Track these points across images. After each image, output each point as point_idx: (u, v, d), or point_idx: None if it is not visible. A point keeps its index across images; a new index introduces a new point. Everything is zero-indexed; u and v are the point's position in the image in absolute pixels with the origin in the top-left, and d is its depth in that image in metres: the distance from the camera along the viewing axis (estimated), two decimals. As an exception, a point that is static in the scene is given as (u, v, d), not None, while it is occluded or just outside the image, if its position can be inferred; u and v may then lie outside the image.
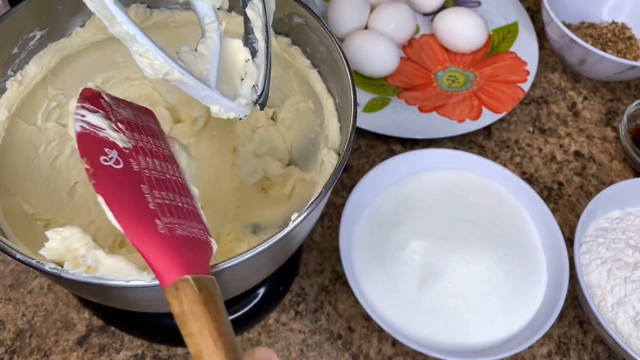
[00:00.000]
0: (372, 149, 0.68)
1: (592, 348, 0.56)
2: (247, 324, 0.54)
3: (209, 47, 0.39)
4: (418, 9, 0.78)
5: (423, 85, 0.72)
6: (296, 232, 0.39)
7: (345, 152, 0.42)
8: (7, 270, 0.57)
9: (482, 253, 0.53)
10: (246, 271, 0.41)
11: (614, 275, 0.54)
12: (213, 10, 0.40)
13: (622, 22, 0.78)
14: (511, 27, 0.77)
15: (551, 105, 0.73)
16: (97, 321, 0.55)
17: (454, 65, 0.75)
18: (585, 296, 0.51)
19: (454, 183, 0.59)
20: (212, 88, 0.38)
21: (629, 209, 0.59)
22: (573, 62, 0.71)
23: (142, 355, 0.53)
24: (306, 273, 0.58)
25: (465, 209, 0.56)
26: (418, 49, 0.76)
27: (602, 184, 0.66)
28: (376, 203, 0.58)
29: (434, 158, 0.59)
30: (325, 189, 0.40)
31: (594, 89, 0.75)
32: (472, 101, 0.69)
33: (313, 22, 0.48)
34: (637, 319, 0.52)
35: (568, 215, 0.64)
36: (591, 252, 0.56)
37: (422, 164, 0.59)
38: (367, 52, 0.69)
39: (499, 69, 0.73)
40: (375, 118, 0.67)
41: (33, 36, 0.48)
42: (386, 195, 0.58)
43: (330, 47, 0.48)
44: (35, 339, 0.54)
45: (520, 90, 0.70)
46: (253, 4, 0.42)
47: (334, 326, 0.56)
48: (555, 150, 0.69)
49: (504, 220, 0.57)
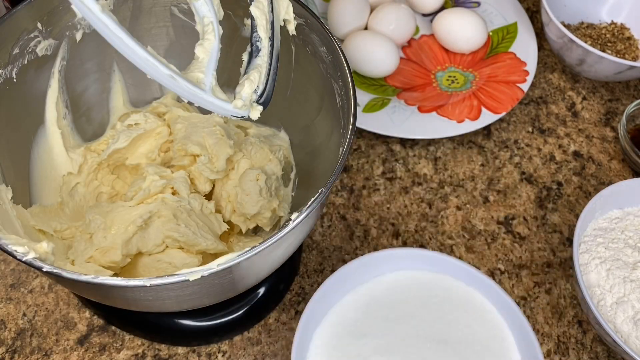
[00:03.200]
0: (372, 149, 0.68)
1: (592, 347, 0.56)
2: (247, 323, 0.55)
3: (206, 49, 0.40)
4: (418, 10, 0.78)
5: (422, 86, 0.73)
6: (296, 232, 0.40)
7: (345, 152, 0.42)
8: (7, 270, 0.57)
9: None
10: (246, 271, 0.41)
11: (613, 275, 0.54)
12: (212, 12, 0.40)
13: (621, 23, 0.78)
14: (510, 28, 0.77)
15: (550, 106, 0.73)
16: (97, 321, 0.55)
17: (453, 65, 0.75)
18: (585, 296, 0.51)
19: (432, 290, 0.51)
20: (207, 92, 0.38)
21: (628, 209, 0.60)
22: (572, 62, 0.71)
23: (143, 355, 0.53)
24: (306, 273, 0.59)
25: (440, 325, 0.48)
26: (418, 49, 0.76)
27: (601, 184, 0.67)
28: (344, 303, 0.50)
29: (412, 258, 0.51)
30: (325, 188, 0.40)
31: (593, 89, 0.75)
32: (471, 101, 0.69)
33: (313, 22, 0.49)
34: (636, 319, 0.52)
35: (567, 215, 0.64)
36: (590, 251, 0.56)
37: (399, 264, 0.51)
38: (367, 52, 0.69)
39: (498, 69, 0.73)
40: (375, 118, 0.67)
41: (33, 36, 0.48)
42: (354, 296, 0.50)
43: (330, 47, 0.48)
44: (36, 339, 0.54)
45: (519, 90, 0.70)
46: (258, 1, 0.42)
47: (334, 326, 0.56)
48: (555, 150, 0.69)
49: (484, 344, 0.48)
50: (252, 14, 0.41)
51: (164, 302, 0.41)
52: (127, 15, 0.54)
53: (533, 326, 0.56)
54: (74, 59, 0.53)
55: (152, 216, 0.49)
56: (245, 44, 0.44)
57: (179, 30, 0.57)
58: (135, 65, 0.36)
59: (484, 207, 0.64)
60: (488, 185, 0.66)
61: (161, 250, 0.49)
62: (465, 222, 0.63)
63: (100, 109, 0.58)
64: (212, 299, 0.44)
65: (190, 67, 0.40)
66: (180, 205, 0.50)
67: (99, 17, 0.34)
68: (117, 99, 0.59)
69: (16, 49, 0.47)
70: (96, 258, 0.48)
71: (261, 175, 0.52)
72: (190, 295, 0.40)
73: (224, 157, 0.53)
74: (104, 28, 0.35)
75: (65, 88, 0.54)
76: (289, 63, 0.54)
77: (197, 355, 0.53)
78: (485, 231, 0.62)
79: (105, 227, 0.48)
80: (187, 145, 0.53)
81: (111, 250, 0.47)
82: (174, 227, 0.49)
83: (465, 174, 0.67)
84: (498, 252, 0.61)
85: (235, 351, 0.54)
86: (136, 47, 0.35)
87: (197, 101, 0.39)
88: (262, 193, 0.52)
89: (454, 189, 0.65)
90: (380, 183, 0.65)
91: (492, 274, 0.60)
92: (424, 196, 0.65)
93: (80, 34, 0.52)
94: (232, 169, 0.55)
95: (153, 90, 0.61)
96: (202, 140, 0.53)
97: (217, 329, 0.53)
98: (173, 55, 0.57)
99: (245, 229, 0.54)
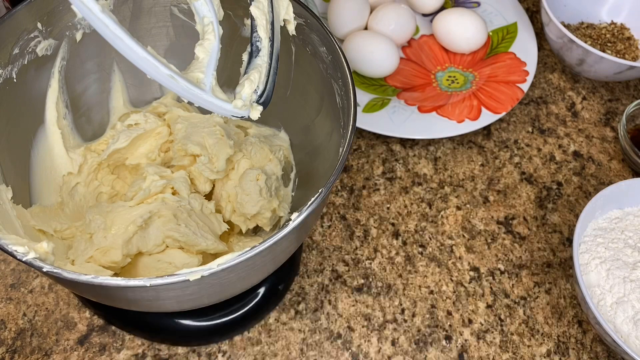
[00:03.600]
0: (372, 149, 0.68)
1: (591, 347, 0.56)
2: (247, 323, 0.55)
3: (206, 49, 0.40)
4: (418, 10, 0.78)
5: (422, 86, 0.73)
6: (296, 232, 0.40)
7: (345, 152, 0.42)
8: (8, 269, 0.57)
9: None
10: (246, 271, 0.41)
11: (613, 275, 0.54)
12: (212, 12, 0.40)
13: (621, 23, 0.78)
14: (510, 28, 0.77)
15: (550, 106, 0.73)
16: (97, 320, 0.55)
17: (453, 65, 0.75)
18: (584, 296, 0.51)
19: None
20: (207, 92, 0.38)
21: (628, 209, 0.60)
22: (572, 62, 0.71)
23: (143, 355, 0.53)
24: (306, 272, 0.59)
25: None
26: (417, 49, 0.76)
27: (601, 183, 0.67)
28: None
29: None
30: (325, 188, 0.40)
31: (593, 89, 0.75)
32: (471, 101, 0.69)
33: (313, 22, 0.49)
34: (636, 319, 0.52)
35: (567, 215, 0.64)
36: (590, 251, 0.56)
37: None
38: (366, 52, 0.69)
39: (498, 69, 0.73)
40: (375, 118, 0.67)
41: (34, 36, 0.48)
42: None
43: (330, 47, 0.48)
44: (36, 339, 0.54)
45: (519, 90, 0.70)
46: (258, 1, 0.42)
47: (334, 325, 0.56)
48: (554, 150, 0.69)
49: None
50: (252, 14, 0.41)
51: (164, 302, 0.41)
52: (127, 15, 0.54)
53: (533, 326, 0.57)
54: (74, 59, 0.53)
55: (152, 216, 0.49)
56: (245, 44, 0.44)
57: (179, 30, 0.57)
58: (136, 65, 0.36)
59: (484, 207, 0.64)
60: (488, 185, 0.66)
61: (161, 250, 0.49)
62: (465, 222, 0.63)
63: (100, 109, 0.58)
64: (212, 299, 0.44)
65: (190, 67, 0.40)
66: (180, 205, 0.50)
67: (99, 17, 0.34)
68: (117, 99, 0.59)
69: (16, 49, 0.47)
70: (96, 258, 0.48)
71: (261, 175, 0.52)
72: (190, 295, 0.40)
73: (224, 157, 0.53)
74: (104, 28, 0.35)
75: (65, 88, 0.54)
76: (289, 63, 0.54)
77: (197, 355, 0.53)
78: (485, 231, 0.62)
79: (106, 227, 0.48)
80: (187, 145, 0.53)
81: (111, 250, 0.47)
82: (174, 227, 0.49)
83: (465, 174, 0.67)
84: (498, 252, 0.61)
85: (235, 351, 0.54)
86: (136, 47, 0.35)
87: (197, 101, 0.39)
88: (262, 193, 0.52)
89: (454, 189, 0.65)
90: (380, 183, 0.65)
91: (492, 273, 0.60)
92: (424, 196, 0.65)
93: (80, 34, 0.52)
94: (232, 169, 0.55)
95: (153, 90, 0.61)
96: (202, 140, 0.53)
97: (217, 329, 0.54)
98: (173, 55, 0.57)
99: (245, 229, 0.54)
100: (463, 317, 0.57)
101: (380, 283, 0.58)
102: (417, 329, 0.56)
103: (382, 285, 0.58)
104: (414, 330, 0.56)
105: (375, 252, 0.60)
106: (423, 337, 0.56)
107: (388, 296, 0.58)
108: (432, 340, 0.55)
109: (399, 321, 0.56)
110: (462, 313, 0.57)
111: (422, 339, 0.56)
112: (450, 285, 0.59)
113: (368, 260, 0.60)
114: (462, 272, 0.60)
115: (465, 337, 0.56)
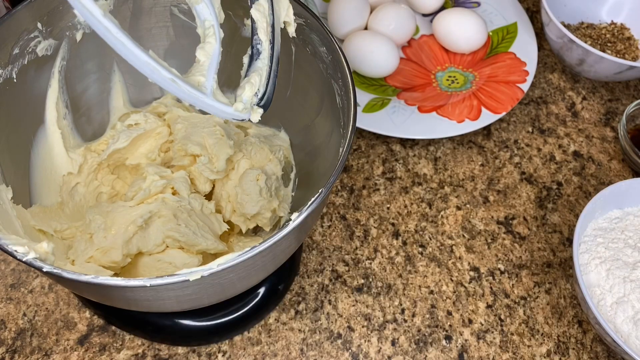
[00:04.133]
0: (372, 149, 0.68)
1: (591, 347, 0.56)
2: (247, 323, 0.55)
3: (207, 52, 0.40)
4: (418, 10, 0.78)
5: (422, 86, 0.73)
6: (296, 232, 0.40)
7: (345, 152, 0.42)
8: (8, 269, 0.57)
9: None
10: (246, 271, 0.41)
11: (613, 275, 0.54)
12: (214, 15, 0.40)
13: (621, 23, 0.78)
14: (510, 28, 0.77)
15: (550, 106, 0.73)
16: (97, 321, 0.55)
17: (453, 65, 0.75)
18: (584, 296, 0.51)
19: None
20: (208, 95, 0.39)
21: (628, 209, 0.60)
22: (572, 62, 0.71)
23: (143, 355, 0.53)
24: (306, 272, 0.59)
25: None
26: (417, 49, 0.76)
27: (601, 184, 0.67)
28: None
29: None
30: (325, 188, 0.40)
31: (593, 89, 0.75)
32: (471, 101, 0.69)
33: (313, 22, 0.49)
34: (636, 319, 0.52)
35: (567, 215, 0.64)
36: (590, 251, 0.56)
37: None
38: (366, 52, 0.69)
39: (498, 70, 0.73)
40: (375, 118, 0.67)
41: (34, 36, 0.48)
42: None
43: (331, 47, 0.48)
44: (36, 339, 0.54)
45: (519, 90, 0.70)
46: (259, 4, 0.42)
47: (334, 325, 0.56)
48: (554, 150, 0.69)
49: None
50: (253, 17, 0.41)
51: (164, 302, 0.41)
52: (128, 15, 0.54)
53: (533, 326, 0.57)
54: (74, 59, 0.53)
55: (152, 216, 0.49)
56: (245, 44, 0.44)
57: (179, 30, 0.57)
58: (137, 68, 0.36)
59: (484, 207, 0.64)
60: (488, 185, 0.66)
61: (161, 250, 0.49)
62: (465, 222, 0.63)
63: (100, 109, 0.58)
64: (212, 299, 0.44)
65: (192, 71, 0.40)
66: (180, 205, 0.50)
67: (100, 21, 0.34)
68: (117, 99, 0.59)
69: (16, 49, 0.47)
70: (96, 258, 0.48)
71: (261, 175, 0.52)
72: (190, 295, 0.40)
73: (224, 157, 0.53)
74: (106, 32, 0.35)
75: (65, 88, 0.54)
76: (289, 63, 0.54)
77: (197, 355, 0.53)
78: (485, 231, 0.62)
79: (106, 227, 0.48)
80: (187, 145, 0.53)
81: (111, 250, 0.47)
82: (174, 227, 0.49)
83: (465, 174, 0.67)
84: (498, 252, 0.61)
85: (235, 351, 0.54)
86: (138, 51, 0.35)
87: (198, 104, 0.39)
88: (262, 193, 0.52)
89: (454, 189, 0.65)
90: (380, 183, 0.65)
91: (492, 273, 0.60)
92: (424, 196, 0.65)
93: (80, 34, 0.52)
94: (232, 169, 0.55)
95: (153, 90, 0.61)
96: (202, 140, 0.53)
97: (217, 329, 0.54)
98: (173, 55, 0.57)
99: (245, 229, 0.54)
100: (463, 317, 0.57)
101: (380, 283, 0.58)
102: (417, 329, 0.56)
103: (382, 285, 0.58)
104: (414, 330, 0.56)
105: (375, 252, 0.60)
106: (423, 337, 0.56)
107: (388, 296, 0.58)
108: (432, 340, 0.55)
109: (399, 321, 0.56)
110: (462, 313, 0.57)
111: (422, 339, 0.56)
112: (450, 285, 0.59)
113: (368, 260, 0.60)
114: (462, 272, 0.60)
115: (466, 337, 0.56)
